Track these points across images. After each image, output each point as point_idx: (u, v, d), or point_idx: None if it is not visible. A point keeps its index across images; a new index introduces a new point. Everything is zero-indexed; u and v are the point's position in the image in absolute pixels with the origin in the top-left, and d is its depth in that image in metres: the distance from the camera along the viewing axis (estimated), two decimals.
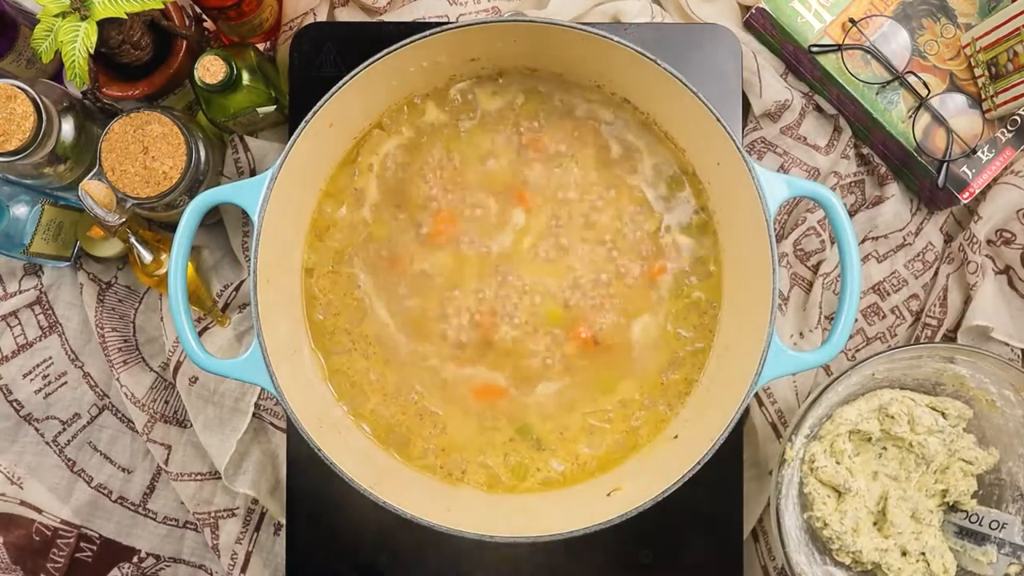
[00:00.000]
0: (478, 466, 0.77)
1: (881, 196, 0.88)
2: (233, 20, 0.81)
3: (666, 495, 0.68)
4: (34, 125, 0.71)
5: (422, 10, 0.88)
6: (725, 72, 0.81)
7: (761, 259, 0.70)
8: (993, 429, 0.80)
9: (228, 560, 0.86)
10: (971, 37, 0.85)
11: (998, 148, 0.86)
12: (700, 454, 0.68)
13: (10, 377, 0.88)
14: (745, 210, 0.72)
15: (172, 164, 0.75)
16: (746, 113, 0.87)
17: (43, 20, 0.71)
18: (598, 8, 0.87)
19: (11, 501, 0.88)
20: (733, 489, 0.81)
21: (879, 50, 0.85)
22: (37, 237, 0.82)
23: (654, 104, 0.77)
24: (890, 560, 0.77)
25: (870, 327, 0.89)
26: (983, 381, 0.78)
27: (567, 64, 0.77)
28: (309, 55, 0.81)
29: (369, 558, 0.81)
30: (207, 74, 0.75)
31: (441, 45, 0.72)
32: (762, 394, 0.85)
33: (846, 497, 0.78)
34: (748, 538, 0.85)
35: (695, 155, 0.77)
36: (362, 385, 0.77)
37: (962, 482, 0.78)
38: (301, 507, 0.81)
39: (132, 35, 0.75)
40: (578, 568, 0.81)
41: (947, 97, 0.86)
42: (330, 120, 0.72)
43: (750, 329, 0.72)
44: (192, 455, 0.87)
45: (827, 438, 0.78)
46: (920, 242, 0.89)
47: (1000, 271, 0.88)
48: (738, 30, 0.89)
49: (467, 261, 0.78)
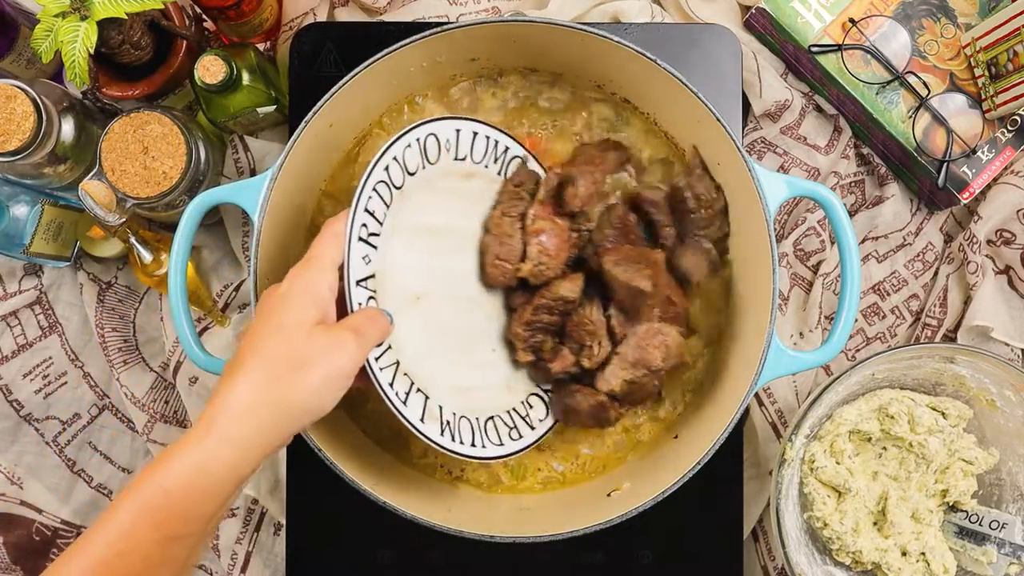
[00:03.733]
0: (477, 466, 0.78)
1: (881, 196, 0.88)
2: (233, 20, 0.81)
3: (666, 495, 0.68)
4: (34, 125, 0.71)
5: (422, 10, 0.88)
6: (725, 72, 0.81)
7: (761, 259, 0.70)
8: (993, 429, 0.80)
9: (228, 560, 0.86)
10: (971, 37, 0.85)
11: (998, 148, 0.86)
12: (700, 454, 0.68)
13: (10, 377, 0.88)
14: (745, 210, 0.72)
15: (172, 164, 0.75)
16: (746, 113, 0.87)
17: (43, 20, 0.71)
18: (598, 8, 0.87)
19: (11, 501, 0.88)
20: (733, 489, 0.81)
21: (879, 50, 0.85)
22: (37, 237, 0.82)
23: (654, 104, 0.77)
24: (890, 560, 0.77)
25: (870, 327, 0.89)
26: (983, 381, 0.78)
27: (567, 64, 0.77)
28: (309, 55, 0.81)
29: (369, 558, 0.81)
30: (207, 74, 0.75)
31: (441, 45, 0.72)
32: (762, 394, 0.85)
33: (846, 497, 0.78)
34: (748, 538, 0.85)
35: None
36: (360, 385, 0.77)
37: (962, 482, 0.78)
38: (301, 507, 0.81)
39: (132, 35, 0.75)
40: (579, 568, 0.81)
41: (947, 97, 0.86)
42: (330, 120, 0.72)
43: (750, 329, 0.72)
44: None
45: (827, 438, 0.78)
46: (920, 242, 0.89)
47: (1000, 271, 0.88)
48: (738, 30, 0.89)
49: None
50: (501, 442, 0.69)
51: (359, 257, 0.59)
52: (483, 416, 0.68)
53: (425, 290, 0.65)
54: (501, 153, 0.72)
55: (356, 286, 0.59)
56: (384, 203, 0.62)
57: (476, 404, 0.68)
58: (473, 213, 0.70)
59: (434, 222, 0.67)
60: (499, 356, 0.72)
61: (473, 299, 0.70)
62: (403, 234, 0.64)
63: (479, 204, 0.71)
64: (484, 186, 0.71)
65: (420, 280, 0.66)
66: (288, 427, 0.54)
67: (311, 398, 0.54)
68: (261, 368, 0.53)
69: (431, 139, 0.65)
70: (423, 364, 0.65)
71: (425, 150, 0.65)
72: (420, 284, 0.65)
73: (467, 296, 0.69)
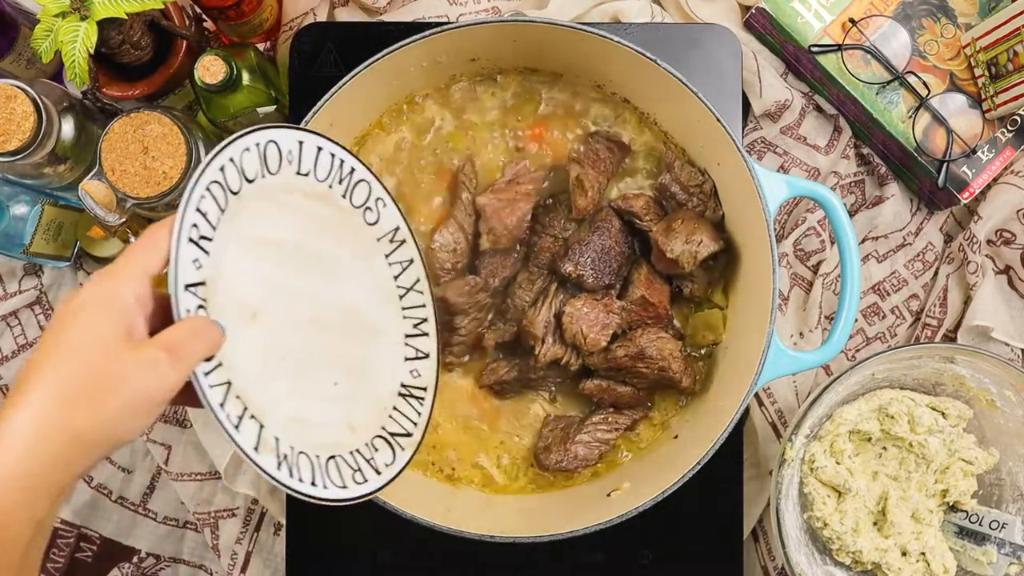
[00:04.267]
0: (470, 465, 0.78)
1: (881, 196, 0.88)
2: (233, 20, 0.81)
3: (666, 495, 0.68)
4: (34, 125, 0.71)
5: (422, 10, 0.88)
6: (725, 72, 0.81)
7: (761, 259, 0.70)
8: (993, 429, 0.80)
9: (228, 560, 0.86)
10: (971, 37, 0.85)
11: (998, 148, 0.86)
12: (700, 454, 0.68)
13: (10, 377, 0.88)
14: (745, 210, 0.72)
15: (172, 164, 0.75)
16: (746, 113, 0.87)
17: (43, 20, 0.71)
18: (598, 8, 0.87)
19: None
20: (733, 489, 0.81)
21: (879, 50, 0.85)
22: (37, 237, 0.81)
23: (654, 104, 0.77)
24: (890, 560, 0.77)
25: (870, 327, 0.89)
26: (983, 381, 0.78)
27: (567, 64, 0.77)
28: (309, 55, 0.81)
29: (369, 558, 0.80)
30: (207, 74, 0.75)
31: (441, 45, 0.72)
32: (762, 394, 0.85)
33: (846, 497, 0.78)
34: (748, 538, 0.85)
35: (695, 155, 0.77)
36: None
37: (962, 482, 0.78)
38: (301, 507, 0.81)
39: (132, 35, 0.75)
40: (579, 568, 0.80)
41: (947, 97, 0.86)
42: (330, 120, 0.72)
43: (750, 329, 0.72)
44: (192, 455, 0.87)
45: (827, 438, 0.78)
46: (920, 242, 0.89)
47: (1000, 271, 0.88)
48: (738, 30, 0.89)
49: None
50: (344, 484, 0.62)
51: (188, 260, 0.53)
52: (324, 454, 0.62)
53: (263, 306, 0.59)
54: (346, 174, 0.66)
55: (184, 291, 0.52)
56: (218, 206, 0.56)
57: (316, 440, 0.62)
58: (321, 237, 0.65)
59: (276, 236, 0.61)
60: (342, 391, 0.65)
61: (318, 324, 0.64)
62: (240, 243, 0.58)
63: (327, 232, 0.65)
64: (332, 215, 0.66)
65: (257, 294, 0.59)
66: (80, 463, 0.46)
67: (107, 427, 0.46)
68: (47, 393, 0.46)
69: (272, 147, 0.61)
70: (259, 389, 0.58)
71: (265, 157, 0.60)
72: (257, 299, 0.59)
73: (310, 319, 0.63)
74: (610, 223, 0.75)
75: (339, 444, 0.64)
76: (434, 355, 0.72)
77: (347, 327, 0.66)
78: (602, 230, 0.75)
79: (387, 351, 0.69)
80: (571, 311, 0.73)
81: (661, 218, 0.76)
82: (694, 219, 0.74)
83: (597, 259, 0.74)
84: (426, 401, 0.70)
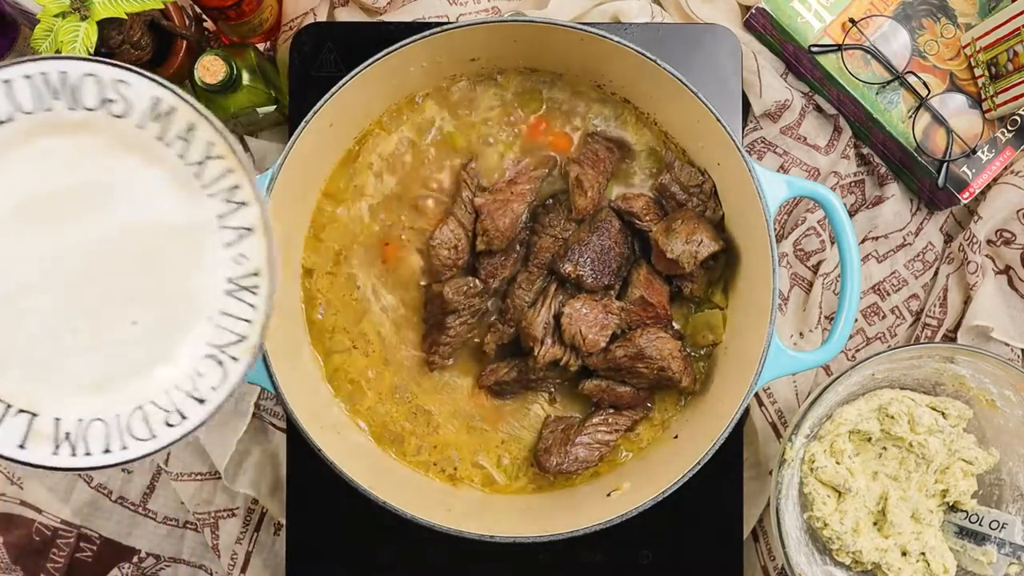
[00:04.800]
0: (471, 465, 0.78)
1: (881, 196, 0.88)
2: (233, 20, 0.81)
3: (666, 495, 0.68)
4: None
5: (422, 10, 0.88)
6: (725, 72, 0.81)
7: (761, 259, 0.70)
8: (993, 429, 0.80)
9: (228, 560, 0.86)
10: (971, 37, 0.85)
11: (998, 148, 0.86)
12: (700, 454, 0.68)
13: None
14: (745, 210, 0.72)
15: None
16: (746, 113, 0.87)
17: (43, 20, 0.71)
18: (598, 8, 0.87)
19: (11, 501, 0.88)
20: (733, 489, 0.81)
21: (879, 50, 0.85)
22: None
23: (654, 104, 0.77)
24: (890, 560, 0.77)
25: (870, 327, 0.89)
26: (983, 381, 0.78)
27: (567, 64, 0.77)
28: (309, 55, 0.81)
29: (369, 558, 0.80)
30: (207, 74, 0.75)
31: (441, 45, 0.72)
32: (762, 394, 0.85)
33: (846, 497, 0.78)
34: (748, 538, 0.85)
35: (695, 155, 0.77)
36: (359, 382, 0.77)
37: (962, 482, 0.78)
38: (301, 507, 0.81)
39: (132, 35, 0.75)
40: (579, 568, 0.81)
41: (947, 97, 0.86)
42: (330, 120, 0.72)
43: (750, 329, 0.72)
44: (192, 455, 0.87)
45: (827, 438, 0.78)
46: (920, 242, 0.89)
47: (1000, 271, 0.88)
48: (738, 30, 0.89)
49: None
50: (153, 434, 0.56)
51: None
52: (127, 409, 0.57)
53: (17, 288, 0.55)
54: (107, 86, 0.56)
55: None
56: None
57: (123, 396, 0.57)
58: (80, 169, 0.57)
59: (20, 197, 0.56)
60: (146, 327, 0.57)
61: (93, 270, 0.57)
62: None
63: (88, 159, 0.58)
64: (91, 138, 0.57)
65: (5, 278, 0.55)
66: None
67: None
68: None
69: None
70: (32, 376, 0.54)
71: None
72: (6, 283, 0.55)
73: (81, 270, 0.57)
74: (610, 223, 0.75)
75: (146, 390, 0.57)
76: (260, 226, 0.58)
77: (133, 252, 0.58)
78: (602, 230, 0.75)
79: (198, 248, 0.59)
80: (570, 312, 0.73)
81: (661, 218, 0.76)
82: (694, 219, 0.74)
83: (596, 259, 0.74)
84: (261, 289, 0.58)
